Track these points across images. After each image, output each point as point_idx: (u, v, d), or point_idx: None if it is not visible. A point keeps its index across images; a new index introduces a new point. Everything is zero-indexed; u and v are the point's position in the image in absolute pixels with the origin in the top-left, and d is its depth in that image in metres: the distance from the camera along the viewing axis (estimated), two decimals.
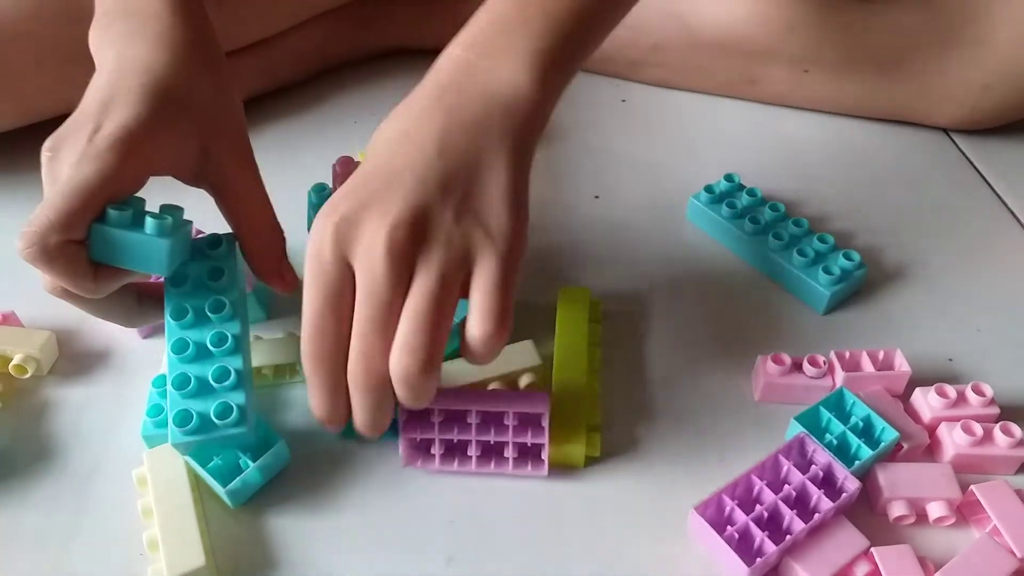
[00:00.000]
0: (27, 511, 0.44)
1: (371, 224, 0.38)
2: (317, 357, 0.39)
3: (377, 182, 0.39)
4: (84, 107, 0.42)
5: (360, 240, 0.38)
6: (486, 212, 0.39)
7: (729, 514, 0.42)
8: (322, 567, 0.42)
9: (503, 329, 0.38)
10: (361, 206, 0.38)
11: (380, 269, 0.37)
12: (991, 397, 0.47)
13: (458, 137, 0.40)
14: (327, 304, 0.39)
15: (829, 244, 0.55)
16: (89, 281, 0.41)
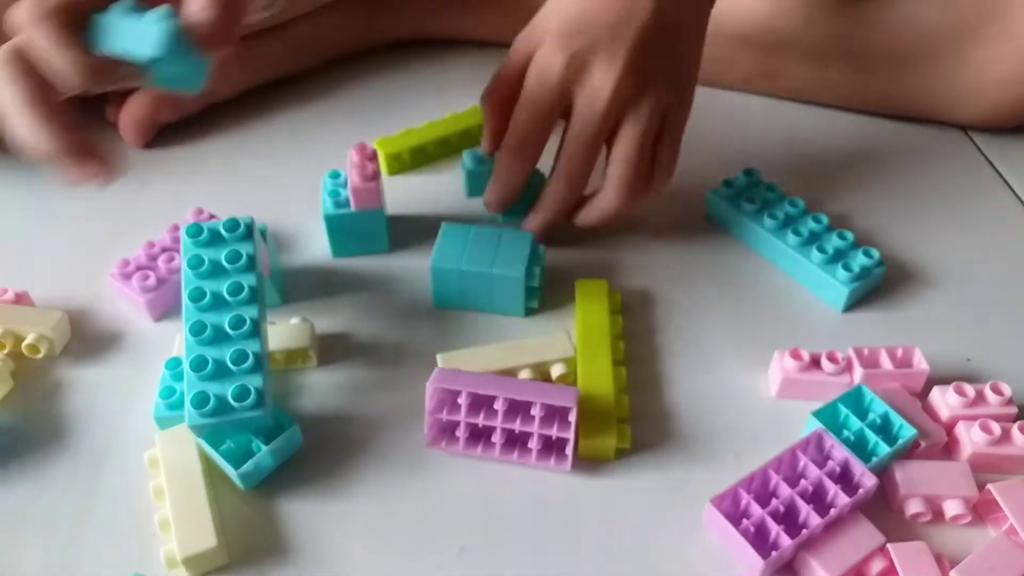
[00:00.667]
0: (39, 491, 0.44)
1: (600, 67, 0.46)
2: (519, 155, 0.49)
3: (602, 27, 0.46)
4: None
5: (589, 78, 0.46)
6: (684, 78, 0.50)
7: (745, 507, 0.41)
8: (332, 552, 0.42)
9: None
10: (590, 47, 0.45)
11: (601, 108, 0.46)
12: (1009, 397, 0.46)
13: (673, 9, 0.47)
14: (545, 113, 0.47)
15: (849, 241, 0.54)
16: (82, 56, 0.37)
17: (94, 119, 0.69)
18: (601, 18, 0.46)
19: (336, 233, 0.56)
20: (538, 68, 0.47)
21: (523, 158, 0.49)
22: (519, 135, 0.49)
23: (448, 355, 0.48)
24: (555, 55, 0.46)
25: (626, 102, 0.48)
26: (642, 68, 0.47)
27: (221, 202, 0.60)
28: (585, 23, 0.46)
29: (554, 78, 0.46)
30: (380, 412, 0.48)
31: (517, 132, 0.49)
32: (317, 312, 0.53)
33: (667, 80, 0.49)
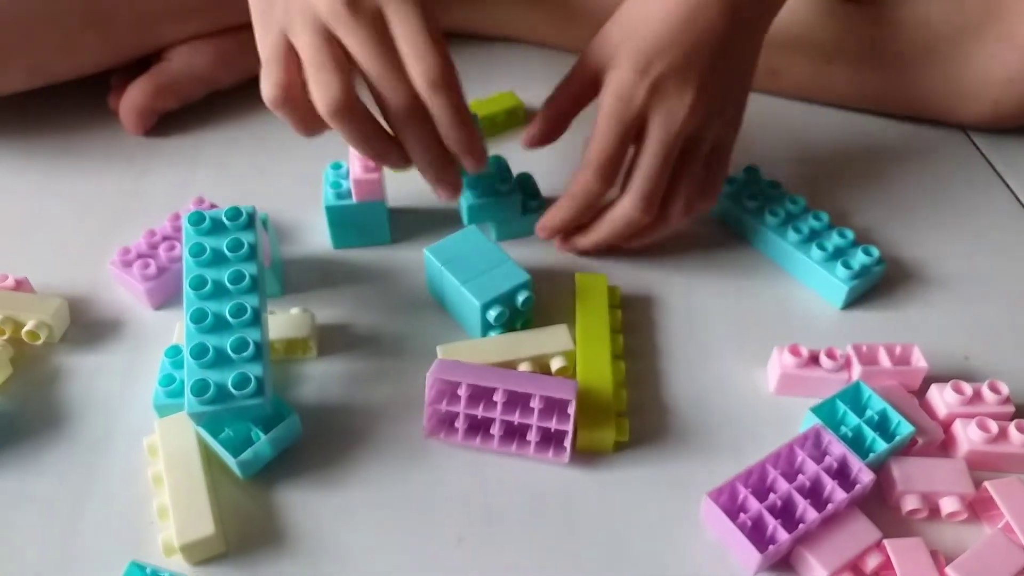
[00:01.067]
0: (38, 477, 0.44)
1: (676, 93, 0.48)
2: (606, 176, 0.50)
3: (679, 53, 0.48)
4: None
5: (666, 102, 0.48)
6: (739, 104, 0.53)
7: (743, 502, 0.41)
8: (330, 541, 0.42)
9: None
10: (667, 74, 0.48)
11: (676, 131, 0.49)
12: (1007, 395, 0.46)
13: (733, 30, 0.49)
14: (624, 135, 0.49)
15: (849, 239, 0.55)
16: None
17: (96, 107, 0.69)
18: (678, 43, 0.48)
19: (337, 224, 0.56)
20: (619, 88, 0.49)
21: (606, 179, 0.50)
22: (604, 153, 0.49)
23: (448, 347, 0.48)
24: (635, 78, 0.48)
25: (696, 127, 0.50)
26: (710, 95, 0.49)
27: (222, 192, 0.60)
28: (663, 47, 0.48)
29: (636, 101, 0.48)
30: (379, 402, 0.48)
31: (603, 151, 0.49)
32: (317, 303, 0.53)
33: (726, 106, 0.52)
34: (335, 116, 0.44)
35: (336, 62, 0.43)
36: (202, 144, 0.67)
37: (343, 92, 0.43)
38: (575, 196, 0.52)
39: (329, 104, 0.43)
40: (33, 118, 0.68)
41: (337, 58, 0.44)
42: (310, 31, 0.44)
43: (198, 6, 0.66)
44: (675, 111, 0.48)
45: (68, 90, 0.66)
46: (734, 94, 0.52)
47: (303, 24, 0.44)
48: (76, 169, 0.64)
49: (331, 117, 0.44)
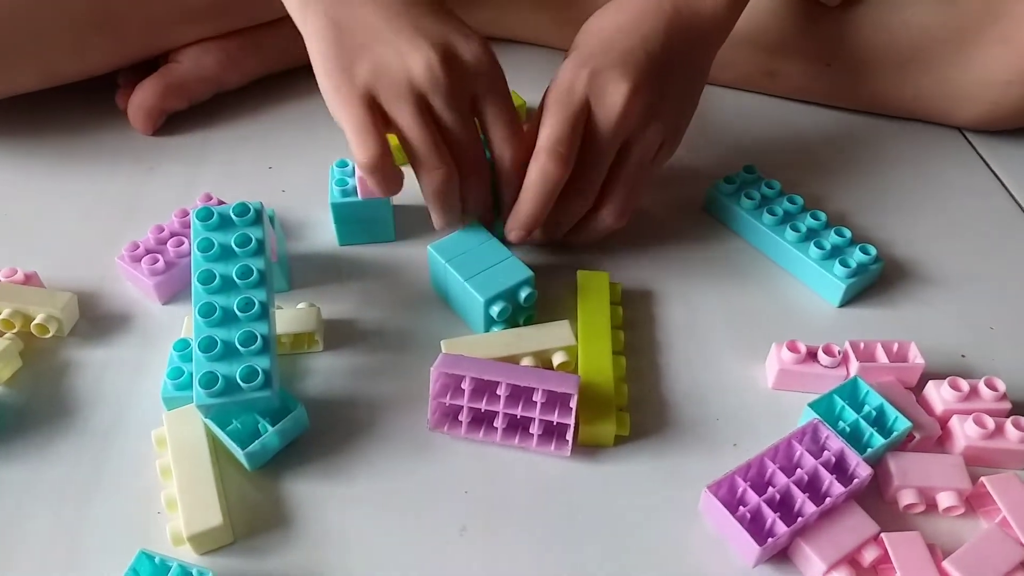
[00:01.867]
0: (47, 469, 0.45)
1: (612, 85, 0.49)
2: (561, 157, 0.49)
3: (615, 53, 0.50)
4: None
5: (604, 94, 0.49)
6: (680, 116, 0.54)
7: (741, 495, 0.42)
8: (336, 531, 0.42)
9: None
10: (604, 66, 0.49)
11: (614, 120, 0.50)
12: (1003, 392, 0.47)
13: (676, 40, 0.52)
14: (571, 117, 0.49)
15: (846, 237, 0.55)
16: None
17: (105, 106, 0.69)
18: (618, 43, 0.50)
19: (343, 221, 0.57)
20: (560, 80, 0.50)
21: (560, 158, 0.49)
22: (554, 134, 0.49)
23: (452, 341, 0.49)
24: (575, 70, 0.50)
25: (634, 123, 0.50)
26: (648, 93, 0.50)
27: (229, 189, 0.61)
28: (605, 47, 0.50)
29: (578, 88, 0.49)
30: (384, 396, 0.48)
31: (552, 132, 0.49)
32: (324, 298, 0.53)
33: (667, 113, 0.52)
34: (440, 196, 0.49)
35: (443, 147, 0.48)
36: (209, 142, 0.68)
37: (451, 175, 0.48)
38: (534, 185, 0.50)
39: (439, 186, 0.49)
40: (44, 117, 0.69)
41: (441, 142, 0.48)
42: (411, 105, 0.46)
43: (206, 10, 0.67)
44: (613, 103, 0.49)
45: (78, 89, 0.67)
46: (675, 103, 0.53)
47: (401, 93, 0.46)
48: (85, 166, 0.65)
49: (436, 196, 0.50)
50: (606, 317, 0.51)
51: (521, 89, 0.70)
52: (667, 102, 0.52)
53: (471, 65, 0.47)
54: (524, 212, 0.51)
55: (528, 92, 0.70)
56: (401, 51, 0.46)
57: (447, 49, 0.46)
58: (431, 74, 0.46)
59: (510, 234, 0.53)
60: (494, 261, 0.51)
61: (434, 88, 0.46)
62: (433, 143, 0.47)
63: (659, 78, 0.51)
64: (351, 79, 0.46)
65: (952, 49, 0.64)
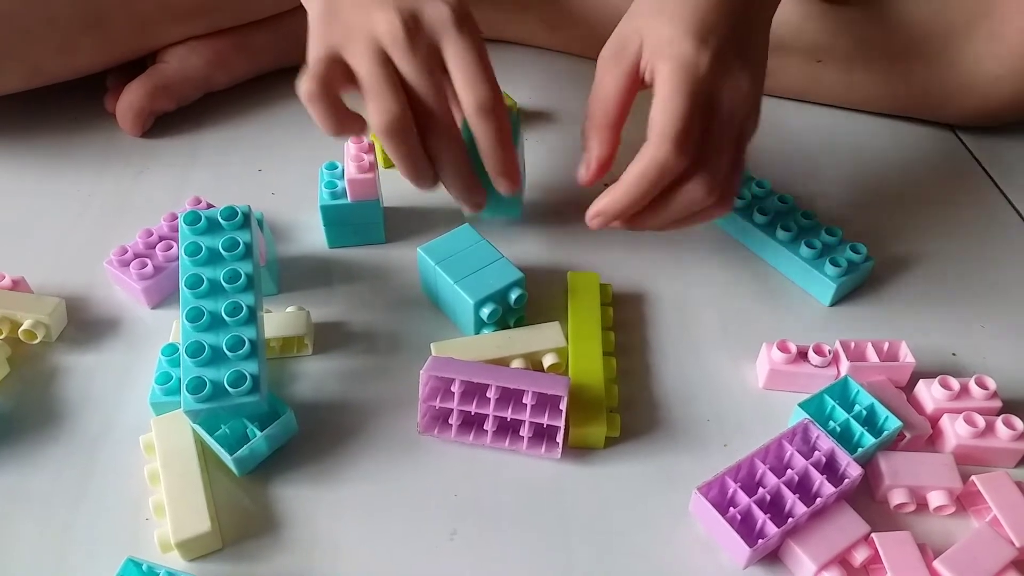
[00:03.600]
0: (35, 474, 0.44)
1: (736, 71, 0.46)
2: (685, 147, 0.45)
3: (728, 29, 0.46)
4: None
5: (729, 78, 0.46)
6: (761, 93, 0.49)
7: (732, 496, 0.42)
8: (325, 537, 0.42)
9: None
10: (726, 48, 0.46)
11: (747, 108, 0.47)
12: (994, 390, 0.47)
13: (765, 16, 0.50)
14: (695, 103, 0.45)
15: (837, 237, 0.55)
16: None
17: (93, 107, 0.69)
18: (724, 19, 0.46)
19: (332, 224, 0.57)
20: (681, 56, 0.45)
21: (684, 150, 0.44)
22: (680, 122, 0.44)
23: (441, 344, 0.49)
24: (696, 45, 0.45)
25: (752, 106, 0.48)
26: (758, 75, 0.48)
27: (218, 192, 0.60)
28: (711, 24, 0.45)
29: (702, 70, 0.45)
30: (374, 400, 0.48)
31: (677, 119, 0.44)
32: (313, 301, 0.53)
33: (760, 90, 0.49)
34: (390, 134, 0.47)
35: (394, 86, 0.46)
36: (198, 145, 0.67)
37: (401, 113, 0.46)
38: (645, 175, 0.45)
39: (386, 123, 0.46)
40: (30, 118, 0.68)
41: (395, 82, 0.46)
42: (369, 54, 0.46)
43: (194, 9, 0.67)
44: (737, 94, 0.46)
45: (65, 91, 0.66)
46: (762, 80, 0.49)
47: (363, 47, 0.46)
48: (73, 169, 0.64)
49: (385, 134, 0.47)
50: (596, 318, 0.51)
51: (513, 90, 0.70)
52: (761, 77, 0.49)
53: (435, 21, 0.46)
54: (621, 200, 0.47)
55: (519, 93, 0.70)
56: (370, 14, 0.46)
57: (413, 10, 0.46)
58: (391, 29, 0.46)
59: (593, 220, 0.49)
60: (484, 263, 0.51)
61: (393, 42, 0.46)
62: (384, 79, 0.46)
63: (759, 55, 0.49)
64: (323, 43, 0.47)
65: (942, 44, 0.64)
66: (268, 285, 0.54)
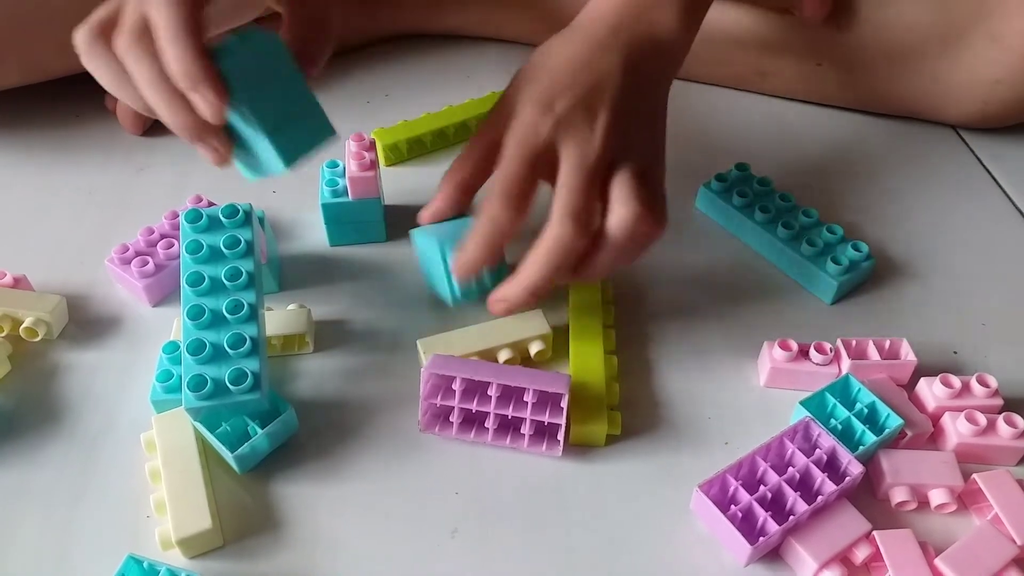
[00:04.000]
0: (36, 472, 0.44)
1: (585, 121, 0.45)
2: (514, 202, 0.44)
3: (578, 92, 0.46)
4: None
5: (577, 132, 0.45)
6: (658, 139, 0.49)
7: (733, 494, 0.42)
8: (326, 534, 0.42)
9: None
10: (572, 108, 0.45)
11: (595, 152, 0.45)
12: (995, 388, 0.47)
13: (635, 73, 0.48)
14: (531, 160, 0.45)
15: (838, 235, 0.55)
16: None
17: (94, 105, 0.69)
18: (579, 82, 0.46)
19: (333, 222, 0.57)
20: (523, 123, 0.45)
21: (515, 208, 0.44)
22: (511, 177, 0.44)
23: (428, 340, 0.49)
24: (539, 113, 0.45)
25: (612, 153, 0.46)
26: (619, 128, 0.46)
27: (219, 190, 0.60)
28: (565, 85, 0.46)
29: (543, 132, 0.45)
30: (375, 397, 0.48)
31: (509, 175, 0.45)
32: (314, 299, 0.53)
33: (637, 142, 0.47)
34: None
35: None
36: None
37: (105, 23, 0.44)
38: (481, 226, 0.45)
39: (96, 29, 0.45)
40: (31, 116, 0.68)
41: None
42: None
43: None
44: (586, 138, 0.45)
45: (66, 88, 0.66)
46: (644, 133, 0.48)
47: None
48: (74, 167, 0.64)
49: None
50: (597, 316, 0.51)
51: None
52: (637, 133, 0.48)
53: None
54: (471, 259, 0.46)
55: None
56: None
57: None
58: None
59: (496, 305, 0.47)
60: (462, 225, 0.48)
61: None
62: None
63: (624, 114, 0.47)
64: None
65: (942, 47, 0.64)
66: (269, 283, 0.54)
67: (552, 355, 0.50)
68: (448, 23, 0.79)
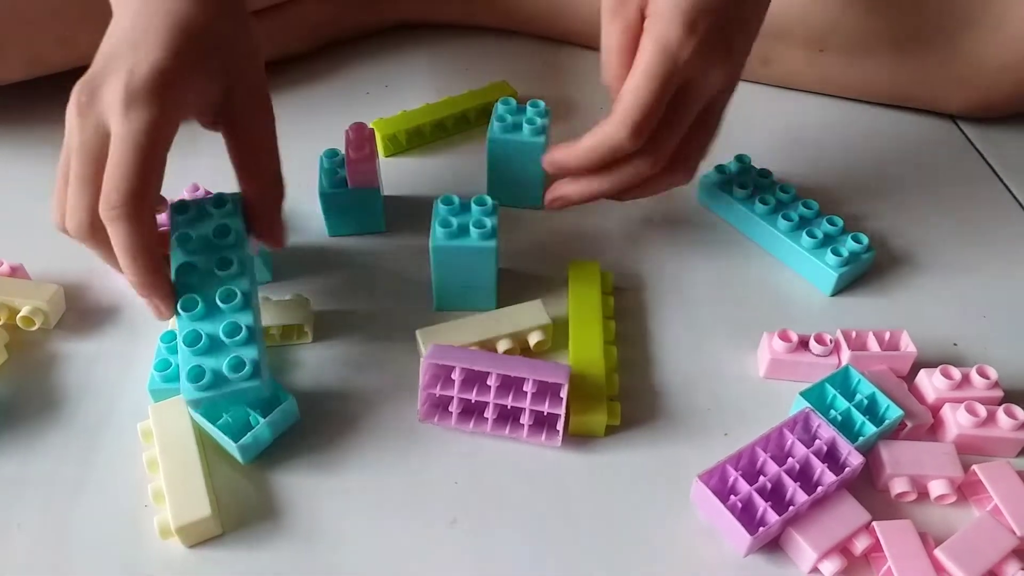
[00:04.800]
0: (34, 461, 0.44)
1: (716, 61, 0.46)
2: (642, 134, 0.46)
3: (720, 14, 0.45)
4: (111, 50, 0.42)
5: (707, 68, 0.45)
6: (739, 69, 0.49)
7: (733, 484, 0.42)
8: (326, 523, 0.42)
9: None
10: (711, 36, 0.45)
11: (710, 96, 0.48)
12: (995, 380, 0.47)
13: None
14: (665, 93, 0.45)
15: (838, 226, 0.55)
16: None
17: None
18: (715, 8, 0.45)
19: (332, 211, 0.56)
20: (666, 42, 0.44)
21: (640, 136, 0.45)
22: (644, 109, 0.45)
23: (426, 330, 0.49)
24: (683, 34, 0.44)
25: (727, 85, 0.48)
26: (738, 62, 0.48)
27: (218, 179, 0.60)
28: (705, 5, 0.45)
29: (682, 59, 0.44)
30: (374, 387, 0.48)
31: (643, 106, 0.45)
32: (313, 289, 0.53)
33: (738, 73, 0.49)
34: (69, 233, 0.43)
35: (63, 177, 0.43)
36: (198, 133, 0.66)
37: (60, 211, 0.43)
38: (598, 148, 0.47)
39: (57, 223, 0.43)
40: (30, 106, 0.68)
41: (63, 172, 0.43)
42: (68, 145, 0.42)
43: None
44: (714, 80, 0.46)
45: (66, 78, 0.66)
46: (745, 59, 0.50)
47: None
48: None
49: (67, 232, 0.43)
50: (597, 307, 0.51)
51: (515, 80, 0.70)
52: (741, 63, 0.49)
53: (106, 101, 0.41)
54: (570, 161, 0.48)
55: (518, 81, 0.70)
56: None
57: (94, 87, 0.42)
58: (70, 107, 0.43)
59: (549, 164, 0.50)
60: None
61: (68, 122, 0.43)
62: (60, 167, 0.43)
63: (745, 39, 0.49)
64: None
65: (945, 35, 0.64)
66: (262, 272, 0.53)
67: (552, 346, 0.50)
68: (448, 13, 0.78)
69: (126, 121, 0.40)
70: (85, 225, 0.42)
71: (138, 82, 0.40)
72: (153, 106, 0.40)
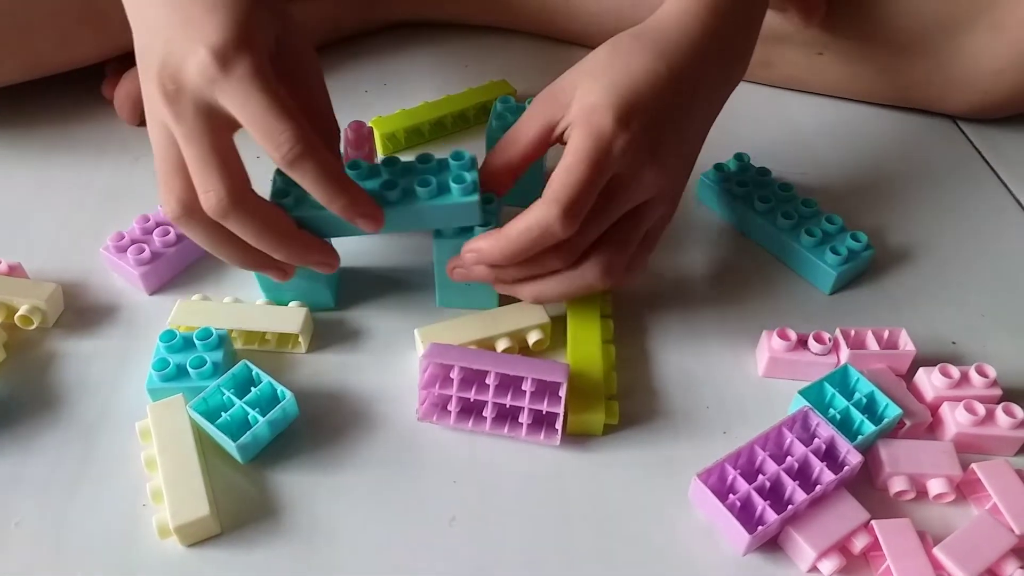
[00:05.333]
0: (32, 460, 0.44)
1: (646, 157, 0.44)
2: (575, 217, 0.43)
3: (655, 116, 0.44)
4: (162, 37, 0.40)
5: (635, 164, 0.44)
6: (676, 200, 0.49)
7: (731, 483, 0.42)
8: (324, 522, 0.42)
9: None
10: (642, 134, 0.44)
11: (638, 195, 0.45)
12: (994, 379, 0.47)
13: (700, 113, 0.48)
14: (598, 179, 0.43)
15: (837, 225, 0.55)
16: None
17: (90, 94, 0.69)
18: (658, 104, 0.44)
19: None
20: (600, 132, 0.43)
21: (573, 220, 0.43)
22: (576, 191, 0.42)
23: (425, 329, 0.49)
24: (616, 127, 0.43)
25: (652, 197, 0.46)
26: (672, 168, 0.46)
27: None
28: (644, 104, 0.44)
29: (616, 150, 0.43)
30: (372, 386, 0.48)
31: (575, 188, 0.42)
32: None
33: (678, 185, 0.48)
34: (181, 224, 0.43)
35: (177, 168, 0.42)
36: None
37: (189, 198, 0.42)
38: (530, 231, 0.43)
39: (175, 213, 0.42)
40: (28, 106, 0.68)
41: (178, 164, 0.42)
42: (155, 135, 0.42)
43: None
44: (646, 183, 0.45)
45: (63, 79, 0.66)
46: (684, 175, 0.49)
47: (151, 129, 0.42)
48: (70, 155, 0.64)
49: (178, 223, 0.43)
50: (596, 305, 0.51)
51: (515, 79, 0.70)
52: (681, 174, 0.48)
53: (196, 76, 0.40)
54: (497, 248, 0.45)
55: (518, 80, 0.70)
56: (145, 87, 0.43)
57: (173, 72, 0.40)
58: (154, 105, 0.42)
59: (467, 255, 0.46)
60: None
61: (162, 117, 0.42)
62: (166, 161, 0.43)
63: (682, 148, 0.47)
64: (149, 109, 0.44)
65: (944, 37, 0.64)
66: (326, 296, 0.52)
67: (550, 344, 0.50)
68: (447, 12, 0.78)
69: (234, 78, 0.39)
70: (225, 203, 0.41)
71: (221, 43, 0.39)
72: (248, 54, 0.39)
